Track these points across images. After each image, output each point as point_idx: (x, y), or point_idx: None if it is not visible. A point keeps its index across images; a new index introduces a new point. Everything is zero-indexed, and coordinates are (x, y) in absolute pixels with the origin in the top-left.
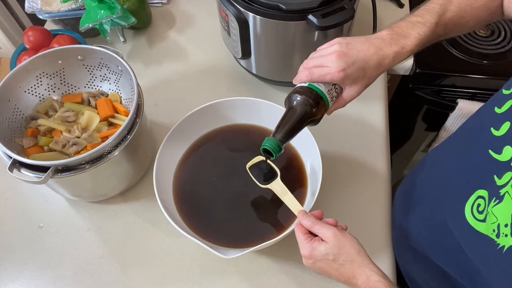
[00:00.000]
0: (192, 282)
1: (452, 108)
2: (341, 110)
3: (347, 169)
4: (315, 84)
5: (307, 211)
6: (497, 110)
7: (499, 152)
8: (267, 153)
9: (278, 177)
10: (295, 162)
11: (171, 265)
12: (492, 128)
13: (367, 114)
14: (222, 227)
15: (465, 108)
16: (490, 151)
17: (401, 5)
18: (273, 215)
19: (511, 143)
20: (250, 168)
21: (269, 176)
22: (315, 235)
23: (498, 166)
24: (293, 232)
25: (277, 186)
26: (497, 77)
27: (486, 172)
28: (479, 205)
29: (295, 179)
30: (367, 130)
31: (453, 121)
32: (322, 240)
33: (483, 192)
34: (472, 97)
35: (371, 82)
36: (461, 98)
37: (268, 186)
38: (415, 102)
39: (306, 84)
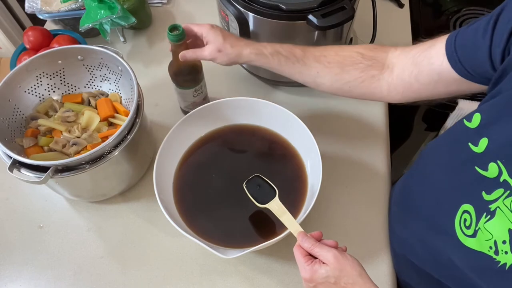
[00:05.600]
0: (192, 282)
1: (452, 108)
2: (341, 110)
3: (347, 169)
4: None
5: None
6: (466, 123)
7: (484, 168)
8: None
9: (277, 196)
10: (295, 162)
11: (171, 265)
12: (470, 144)
13: (367, 114)
14: (222, 227)
15: (465, 108)
16: (476, 167)
17: (401, 5)
18: (273, 215)
19: (495, 160)
20: (246, 185)
21: (267, 194)
22: (315, 257)
23: (486, 182)
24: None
25: (276, 206)
26: None
27: (473, 188)
28: (465, 220)
29: (296, 180)
30: (367, 130)
31: (453, 121)
32: (323, 262)
33: (468, 207)
34: (472, 97)
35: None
36: (461, 98)
37: (266, 206)
38: (415, 102)
39: None
